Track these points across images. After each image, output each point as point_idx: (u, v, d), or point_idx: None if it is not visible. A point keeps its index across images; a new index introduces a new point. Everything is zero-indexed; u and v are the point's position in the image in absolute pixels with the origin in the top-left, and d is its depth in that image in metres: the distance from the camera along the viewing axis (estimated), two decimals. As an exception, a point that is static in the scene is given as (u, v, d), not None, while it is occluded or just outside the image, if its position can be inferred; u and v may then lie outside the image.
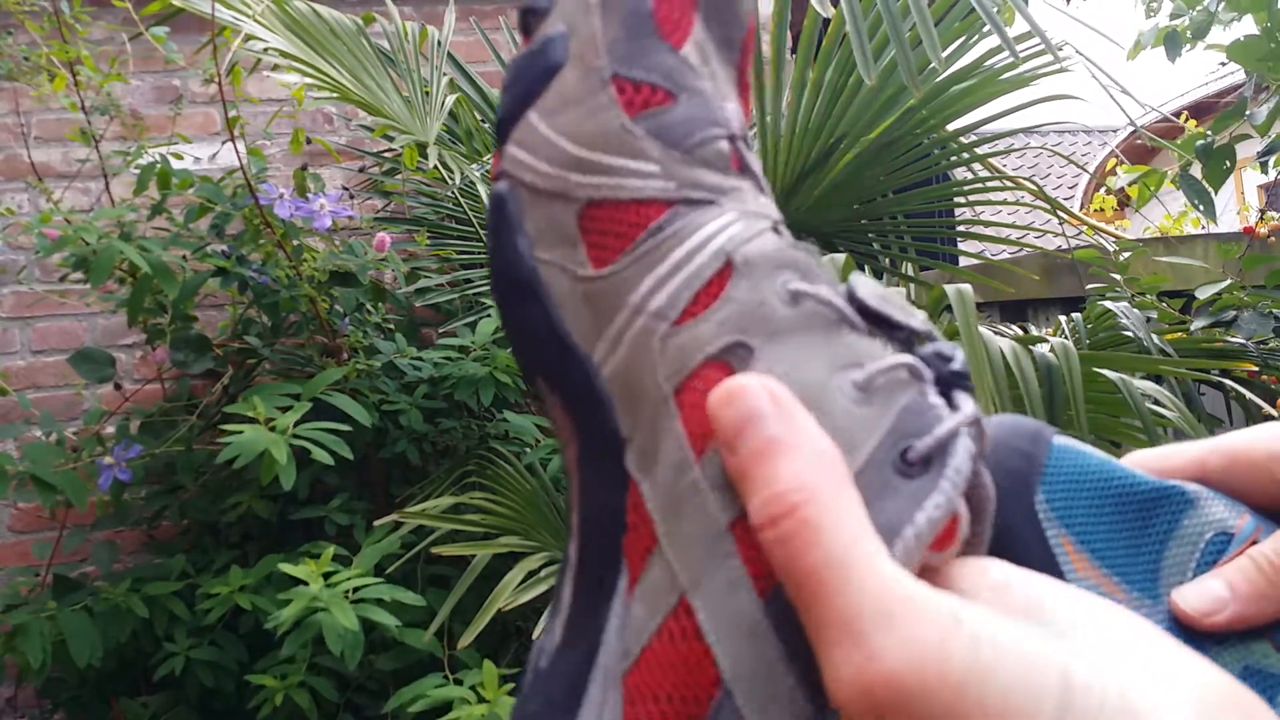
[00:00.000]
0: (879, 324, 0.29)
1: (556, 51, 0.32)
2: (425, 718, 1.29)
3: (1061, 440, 0.33)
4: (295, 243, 1.62)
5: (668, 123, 0.31)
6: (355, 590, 1.30)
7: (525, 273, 0.31)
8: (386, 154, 2.11)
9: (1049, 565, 0.30)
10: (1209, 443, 0.34)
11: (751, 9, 0.34)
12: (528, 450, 1.69)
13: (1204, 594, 0.30)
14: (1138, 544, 0.32)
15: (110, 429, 1.71)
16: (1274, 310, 2.01)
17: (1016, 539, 0.31)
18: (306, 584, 1.27)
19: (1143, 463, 0.34)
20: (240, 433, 1.30)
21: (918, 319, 0.29)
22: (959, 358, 0.28)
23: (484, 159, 1.70)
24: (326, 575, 1.30)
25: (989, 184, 1.95)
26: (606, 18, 0.32)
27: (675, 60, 0.32)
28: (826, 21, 1.59)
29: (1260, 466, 0.32)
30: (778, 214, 0.31)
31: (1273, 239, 2.38)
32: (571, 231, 0.30)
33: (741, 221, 0.30)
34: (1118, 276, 2.13)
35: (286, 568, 1.29)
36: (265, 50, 1.49)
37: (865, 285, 0.29)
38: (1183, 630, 0.30)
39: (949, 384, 0.27)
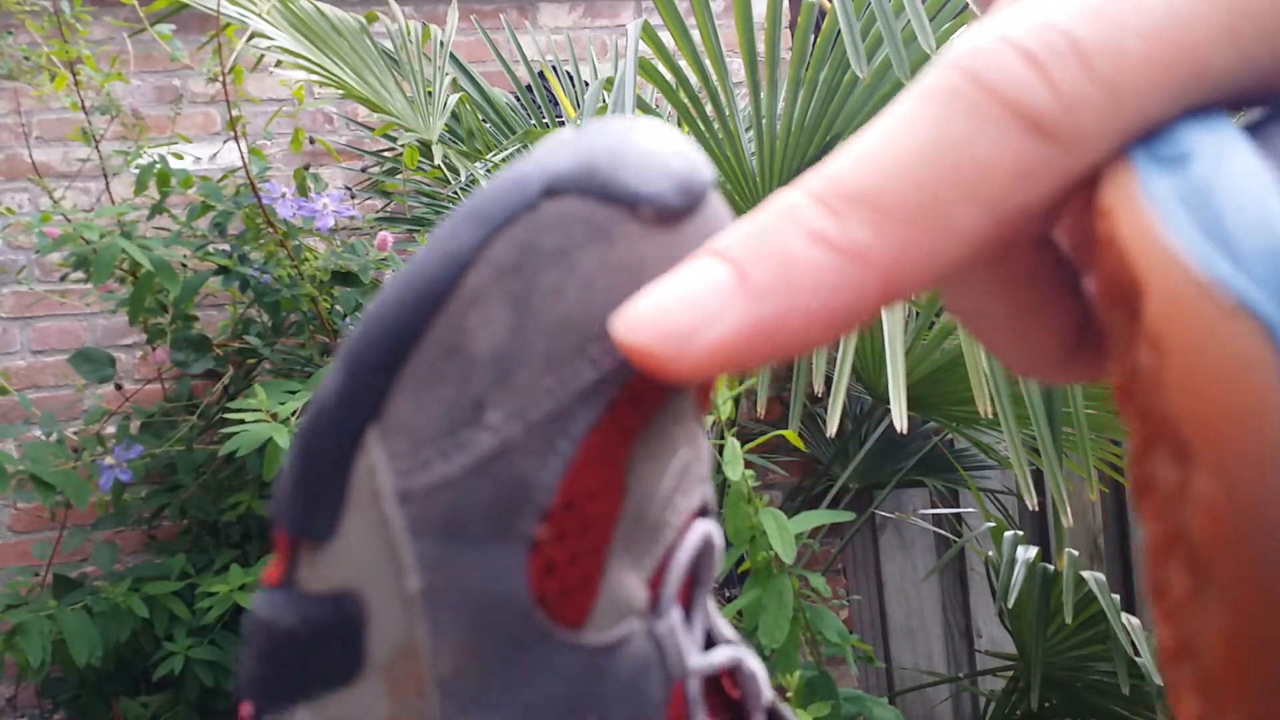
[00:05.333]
0: None
1: None
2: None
3: None
4: (295, 242, 1.62)
5: None
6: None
7: None
8: (387, 154, 2.11)
9: None
10: None
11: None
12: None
13: None
14: None
15: (110, 429, 1.71)
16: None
17: None
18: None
19: None
20: (241, 421, 1.30)
21: None
22: None
23: (485, 157, 1.70)
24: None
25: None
26: None
27: None
28: (822, 16, 1.59)
29: None
30: None
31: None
32: None
33: None
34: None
35: None
36: (270, 47, 1.49)
37: None
38: None
39: None
